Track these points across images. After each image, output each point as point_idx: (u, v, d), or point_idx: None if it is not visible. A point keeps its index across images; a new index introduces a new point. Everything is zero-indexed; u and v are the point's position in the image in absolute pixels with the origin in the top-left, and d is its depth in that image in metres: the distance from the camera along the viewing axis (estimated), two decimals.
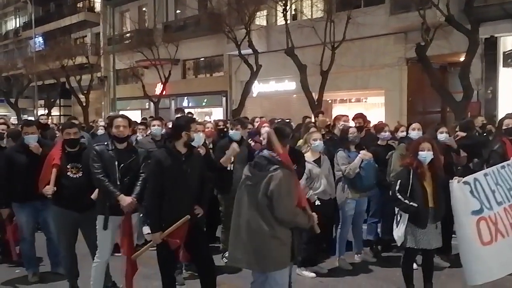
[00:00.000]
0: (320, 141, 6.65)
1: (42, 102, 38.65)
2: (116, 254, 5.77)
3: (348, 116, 9.53)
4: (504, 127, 7.02)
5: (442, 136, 7.09)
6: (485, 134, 9.11)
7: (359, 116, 8.76)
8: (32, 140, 6.40)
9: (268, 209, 4.38)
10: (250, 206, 4.49)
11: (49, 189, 5.74)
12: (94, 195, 5.65)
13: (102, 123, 12.10)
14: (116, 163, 5.40)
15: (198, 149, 6.90)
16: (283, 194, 4.35)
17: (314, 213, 4.68)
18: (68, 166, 5.81)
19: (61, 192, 5.78)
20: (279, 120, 9.81)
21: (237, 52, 21.73)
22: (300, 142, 7.43)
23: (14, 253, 6.78)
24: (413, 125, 7.61)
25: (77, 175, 5.79)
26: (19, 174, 6.31)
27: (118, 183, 5.37)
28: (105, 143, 5.56)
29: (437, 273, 6.21)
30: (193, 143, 5.20)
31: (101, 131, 11.59)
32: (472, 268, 5.40)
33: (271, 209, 4.37)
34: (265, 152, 4.57)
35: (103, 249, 5.53)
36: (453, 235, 7.31)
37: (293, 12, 22.63)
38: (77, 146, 5.93)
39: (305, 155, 6.54)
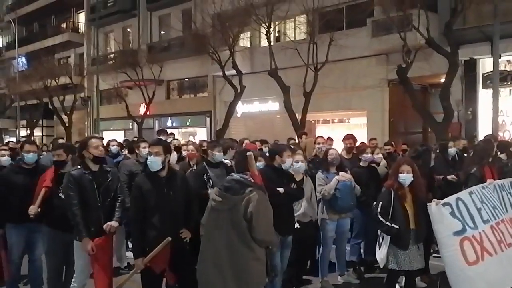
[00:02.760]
0: (302, 163, 6.69)
1: (24, 122, 38.29)
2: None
3: (323, 137, 9.64)
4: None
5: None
6: (465, 155, 9.26)
7: (350, 137, 8.76)
8: (32, 159, 6.33)
9: (247, 231, 4.41)
10: (227, 231, 4.50)
11: (32, 210, 5.70)
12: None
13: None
14: (95, 186, 5.34)
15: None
16: (261, 215, 4.42)
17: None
18: (60, 188, 5.78)
19: (53, 212, 5.75)
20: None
21: (221, 73, 21.85)
22: None
23: (6, 273, 6.65)
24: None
25: None
26: (16, 194, 6.21)
27: (99, 205, 5.32)
28: (79, 167, 5.46)
29: None
30: (150, 167, 5.12)
31: None
32: None
33: (250, 230, 4.40)
34: (235, 176, 4.63)
35: (81, 273, 5.47)
36: (433, 255, 7.42)
37: (276, 34, 22.86)
38: (65, 167, 5.89)
39: None
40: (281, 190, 5.90)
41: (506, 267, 5.53)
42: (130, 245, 7.63)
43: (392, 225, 5.48)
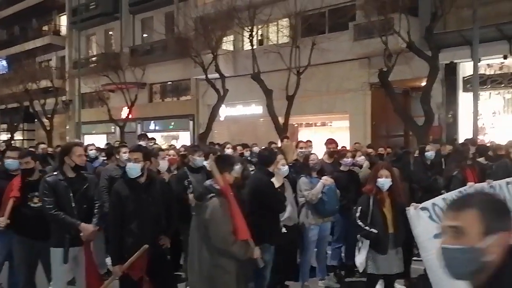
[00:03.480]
0: (286, 166, 6.68)
1: (4, 126, 37.83)
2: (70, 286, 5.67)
3: (303, 141, 9.65)
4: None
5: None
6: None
7: (332, 142, 8.82)
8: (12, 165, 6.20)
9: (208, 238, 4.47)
10: (199, 237, 4.58)
11: (2, 222, 5.62)
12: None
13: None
14: (71, 193, 5.29)
15: (162, 174, 6.93)
16: (217, 222, 4.43)
17: (256, 248, 4.67)
18: (29, 196, 5.71)
19: (22, 221, 5.67)
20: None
21: (204, 76, 21.81)
22: None
23: None
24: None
25: (38, 204, 5.67)
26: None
27: (76, 212, 5.27)
28: (55, 173, 5.41)
29: None
30: (128, 173, 5.07)
31: None
32: None
33: (208, 237, 4.43)
34: (207, 182, 4.64)
35: (57, 282, 5.40)
36: (413, 259, 7.45)
37: (259, 38, 22.88)
38: (34, 174, 5.81)
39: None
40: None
41: None
42: None
43: (371, 229, 5.49)
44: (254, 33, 19.92)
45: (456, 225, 1.80)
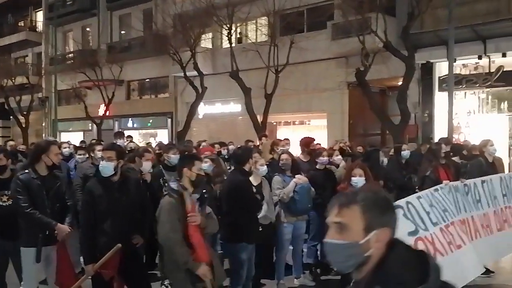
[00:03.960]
0: (264, 166, 6.68)
1: None
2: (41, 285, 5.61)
3: (280, 139, 9.67)
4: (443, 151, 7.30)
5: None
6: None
7: (311, 140, 8.87)
8: None
9: None
10: None
11: None
12: None
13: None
14: (44, 191, 5.23)
15: (143, 176, 6.87)
16: (162, 219, 4.51)
17: (205, 268, 4.55)
18: None
19: None
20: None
21: (183, 73, 21.71)
22: None
23: None
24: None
25: (7, 202, 5.58)
26: None
27: (49, 211, 5.21)
28: (27, 171, 5.33)
29: None
30: (101, 172, 5.02)
31: None
32: None
33: None
34: (171, 180, 4.74)
35: (29, 282, 5.33)
36: None
37: (238, 36, 22.86)
38: (5, 172, 5.72)
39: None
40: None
41: (456, 268, 5.66)
42: None
43: None
44: (232, 31, 19.88)
45: (340, 221, 1.86)
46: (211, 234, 6.83)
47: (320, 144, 9.77)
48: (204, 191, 4.85)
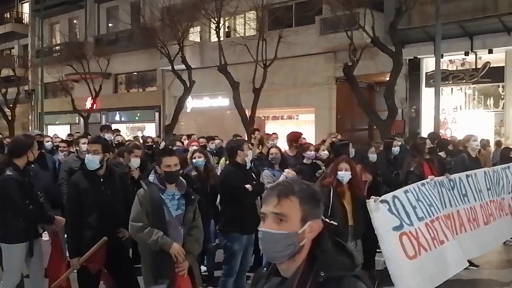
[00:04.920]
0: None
1: None
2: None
3: (276, 134, 9.69)
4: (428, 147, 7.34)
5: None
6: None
7: (298, 135, 8.90)
8: None
9: None
10: None
11: None
12: None
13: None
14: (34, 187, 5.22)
15: (132, 173, 6.84)
16: (132, 209, 4.58)
17: (175, 244, 4.50)
18: None
19: None
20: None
21: (170, 67, 21.62)
22: (222, 161, 7.42)
23: None
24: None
25: None
26: None
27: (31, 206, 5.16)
28: (10, 172, 5.13)
29: None
30: (87, 165, 4.97)
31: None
32: (403, 284, 5.47)
33: None
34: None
35: (11, 277, 5.24)
36: (377, 251, 7.57)
37: (226, 30, 22.80)
38: None
39: None
40: (249, 187, 5.98)
41: (439, 263, 5.70)
42: None
43: (331, 221, 5.54)
44: (221, 25, 19.82)
45: (280, 212, 1.91)
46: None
47: (305, 139, 9.78)
48: (194, 187, 4.84)
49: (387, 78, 16.39)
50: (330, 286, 1.87)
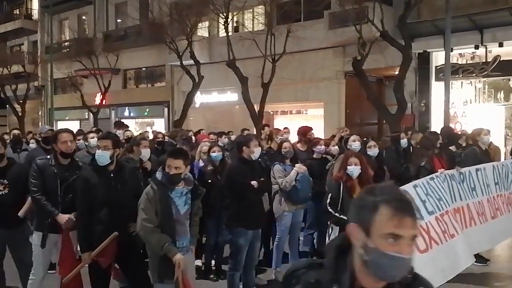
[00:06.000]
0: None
1: None
2: (50, 271, 5.62)
3: (287, 128, 9.70)
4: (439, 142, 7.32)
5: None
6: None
7: (308, 129, 8.90)
8: None
9: None
10: None
11: None
12: (21, 213, 5.48)
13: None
14: (59, 180, 5.24)
15: (145, 164, 6.88)
16: (140, 208, 4.58)
17: (179, 255, 4.51)
18: None
19: None
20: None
21: (179, 62, 21.65)
22: None
23: None
24: (353, 137, 7.61)
25: (3, 191, 5.58)
26: None
27: (60, 200, 5.21)
28: (47, 157, 5.39)
29: None
30: (97, 161, 5.02)
31: (33, 145, 11.03)
32: None
33: None
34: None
35: (38, 266, 5.36)
36: None
37: (234, 25, 22.78)
38: (1, 161, 5.71)
39: None
40: (254, 183, 5.99)
41: (450, 257, 5.70)
42: None
43: (341, 216, 5.56)
44: (229, 20, 19.80)
45: (416, 233, 1.75)
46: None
47: (313, 134, 9.77)
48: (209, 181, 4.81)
49: (397, 72, 16.33)
50: None
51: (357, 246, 1.78)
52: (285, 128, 10.90)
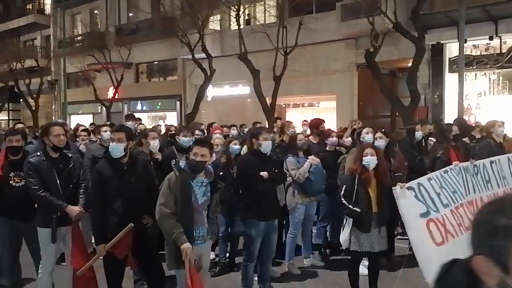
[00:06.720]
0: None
1: None
2: (62, 264, 5.67)
3: (306, 121, 9.67)
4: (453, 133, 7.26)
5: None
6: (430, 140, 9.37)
7: (320, 122, 8.89)
8: None
9: None
10: None
11: None
12: None
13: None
14: (55, 173, 5.28)
15: (155, 155, 6.94)
16: (160, 193, 4.65)
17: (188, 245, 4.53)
18: (11, 175, 5.65)
19: (4, 201, 5.63)
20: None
21: (191, 56, 21.66)
22: (244, 148, 7.41)
23: None
24: (365, 129, 7.63)
25: (20, 183, 5.63)
26: None
27: (61, 192, 5.26)
28: (38, 153, 5.38)
29: (382, 275, 6.36)
30: (111, 153, 5.06)
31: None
32: (432, 270, 5.42)
33: None
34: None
35: (47, 261, 5.41)
36: (397, 237, 7.55)
37: (246, 17, 22.72)
38: (20, 154, 5.76)
39: None
40: (264, 174, 6.00)
41: (466, 250, 5.65)
42: None
43: (355, 208, 5.55)
44: (240, 12, 19.75)
45: None
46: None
47: (325, 127, 9.75)
48: (221, 174, 4.85)
49: (410, 64, 16.19)
50: None
51: (491, 285, 1.43)
52: (304, 120, 10.98)
